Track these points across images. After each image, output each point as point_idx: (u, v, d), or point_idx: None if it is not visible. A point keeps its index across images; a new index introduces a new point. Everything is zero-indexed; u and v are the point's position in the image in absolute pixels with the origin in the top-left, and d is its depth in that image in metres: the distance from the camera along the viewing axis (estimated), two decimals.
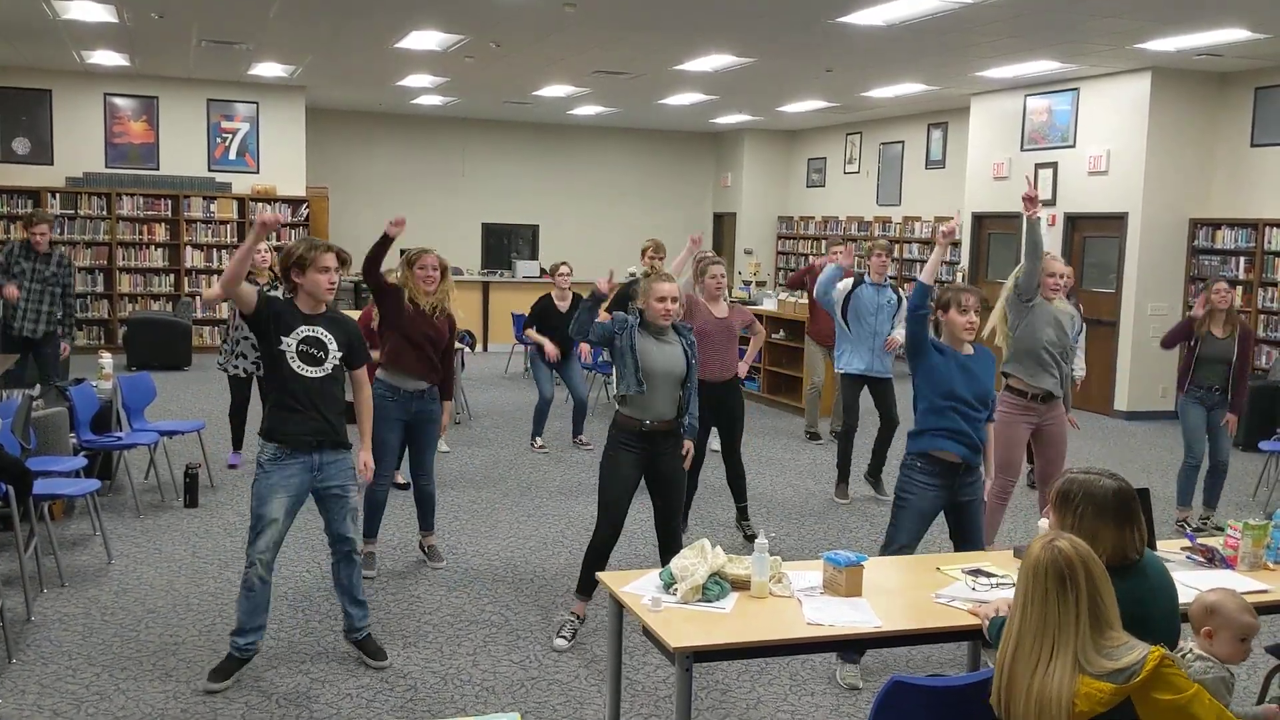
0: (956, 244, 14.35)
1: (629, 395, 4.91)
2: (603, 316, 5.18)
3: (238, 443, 8.27)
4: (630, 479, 4.99)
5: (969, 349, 4.77)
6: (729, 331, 6.48)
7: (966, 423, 4.68)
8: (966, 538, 4.84)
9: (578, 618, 5.07)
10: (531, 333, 9.07)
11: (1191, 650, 3.04)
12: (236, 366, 7.87)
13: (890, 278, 8.30)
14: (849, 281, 7.74)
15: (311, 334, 4.48)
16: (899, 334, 7.54)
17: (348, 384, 4.66)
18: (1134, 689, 2.45)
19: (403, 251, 6.16)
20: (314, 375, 4.47)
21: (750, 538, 6.69)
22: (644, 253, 8.41)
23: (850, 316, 7.65)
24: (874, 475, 7.94)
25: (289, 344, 4.43)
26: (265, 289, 7.67)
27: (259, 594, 4.48)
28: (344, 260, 4.55)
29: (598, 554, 4.97)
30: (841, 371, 7.87)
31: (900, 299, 7.80)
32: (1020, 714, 2.58)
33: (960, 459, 4.68)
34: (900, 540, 4.71)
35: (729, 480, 6.80)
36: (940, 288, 4.87)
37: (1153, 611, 2.91)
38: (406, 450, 5.99)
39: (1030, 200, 5.49)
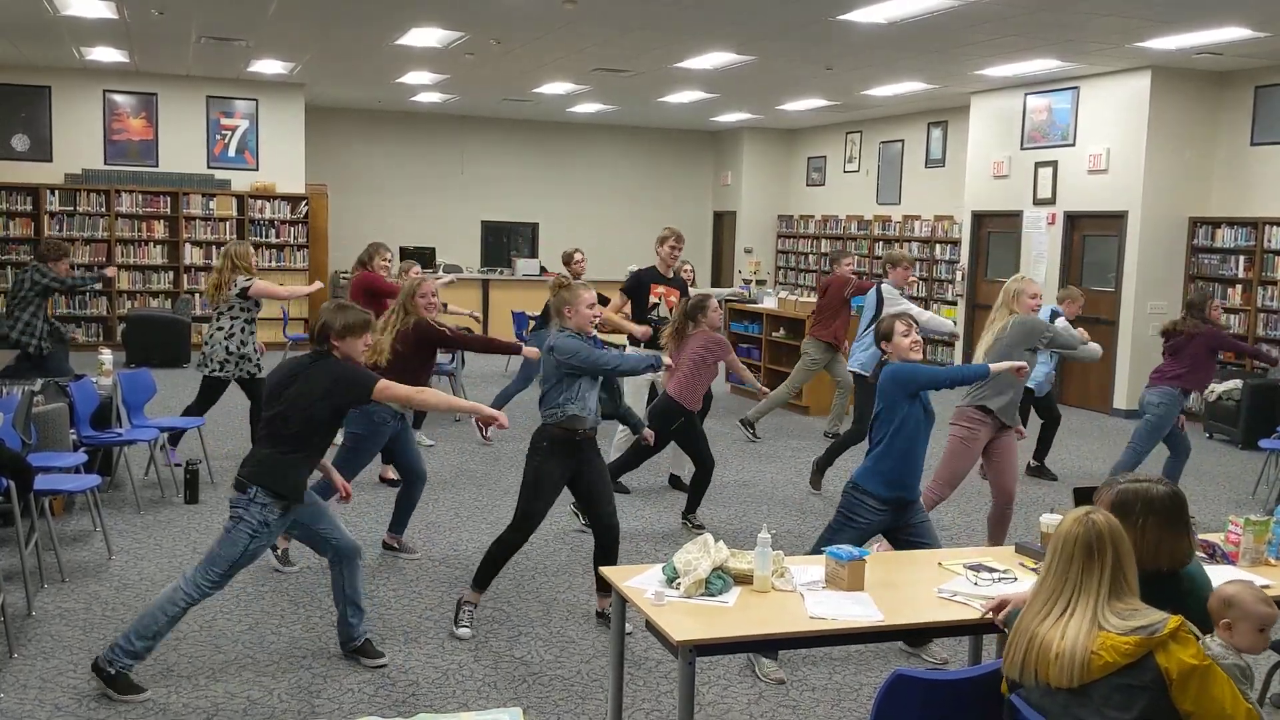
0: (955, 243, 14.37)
1: (576, 411, 4.93)
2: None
3: None
4: (559, 489, 5.03)
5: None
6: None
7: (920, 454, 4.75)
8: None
9: (474, 605, 5.10)
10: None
11: (1213, 634, 3.06)
12: (240, 369, 7.65)
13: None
14: (871, 294, 8.07)
15: None
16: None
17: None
18: (1158, 642, 2.52)
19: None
20: None
21: (698, 527, 6.82)
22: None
23: None
24: (821, 471, 7.95)
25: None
26: (239, 289, 7.61)
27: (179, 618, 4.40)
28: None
29: (507, 554, 5.03)
30: (852, 371, 8.26)
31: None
32: (1031, 663, 2.64)
33: (906, 498, 4.75)
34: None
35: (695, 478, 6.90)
36: (886, 314, 4.97)
37: (1191, 610, 2.89)
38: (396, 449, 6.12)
39: None
